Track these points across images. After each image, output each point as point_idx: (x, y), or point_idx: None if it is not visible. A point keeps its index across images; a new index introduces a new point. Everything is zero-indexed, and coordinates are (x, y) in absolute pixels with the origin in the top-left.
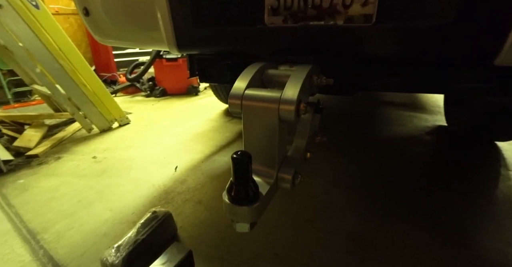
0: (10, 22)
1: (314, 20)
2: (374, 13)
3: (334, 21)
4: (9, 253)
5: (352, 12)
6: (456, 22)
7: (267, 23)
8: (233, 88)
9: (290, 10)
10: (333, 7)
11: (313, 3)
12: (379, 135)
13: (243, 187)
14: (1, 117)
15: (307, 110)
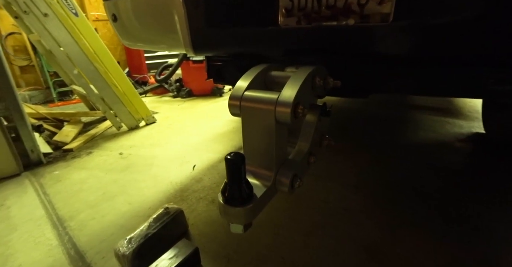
0: (54, 29)
1: (328, 20)
2: (392, 11)
3: (350, 22)
4: (40, 236)
5: (367, 11)
6: (481, 17)
7: (281, 25)
8: (233, 89)
9: (304, 11)
10: (347, 7)
11: (327, 3)
12: (406, 141)
13: (236, 188)
14: (44, 114)
15: (304, 112)
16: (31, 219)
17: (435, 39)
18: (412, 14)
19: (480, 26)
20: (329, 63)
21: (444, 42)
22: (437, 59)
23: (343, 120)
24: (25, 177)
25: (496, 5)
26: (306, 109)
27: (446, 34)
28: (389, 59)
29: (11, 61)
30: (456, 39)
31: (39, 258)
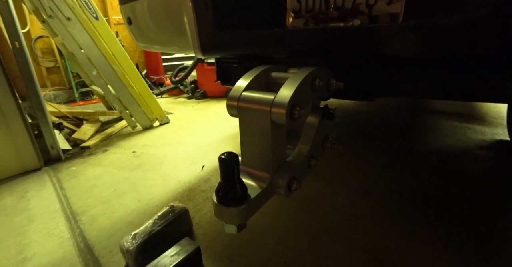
0: (75, 32)
1: (335, 21)
2: (401, 11)
3: (356, 22)
4: (55, 228)
5: (376, 12)
6: (500, 15)
7: (289, 26)
8: (232, 90)
9: (312, 12)
10: (356, 7)
11: (335, 4)
12: (423, 147)
13: (230, 188)
14: (65, 112)
15: (301, 114)
16: (47, 212)
17: (448, 39)
18: (423, 14)
19: (499, 25)
20: (335, 65)
21: (457, 43)
22: (450, 61)
23: (357, 124)
24: (44, 172)
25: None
26: (303, 111)
27: (459, 35)
28: (398, 61)
29: (39, 63)
30: (470, 39)
31: (51, 249)
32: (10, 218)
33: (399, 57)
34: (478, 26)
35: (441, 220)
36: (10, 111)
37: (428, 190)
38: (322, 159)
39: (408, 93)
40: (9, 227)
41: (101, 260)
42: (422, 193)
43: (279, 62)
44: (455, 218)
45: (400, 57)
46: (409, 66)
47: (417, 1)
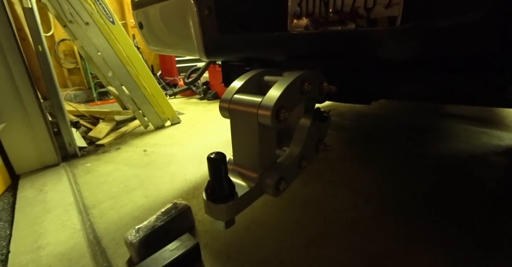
0: (93, 36)
1: (335, 25)
2: (399, 15)
3: (355, 26)
4: (67, 220)
5: (374, 15)
6: (501, 16)
7: (290, 30)
8: (225, 92)
9: (312, 16)
10: (354, 11)
11: (334, 8)
12: (434, 151)
13: (217, 185)
14: (83, 112)
15: (286, 116)
16: (62, 204)
17: (446, 41)
18: (421, 17)
19: (496, 26)
20: (332, 68)
21: (455, 44)
22: (449, 63)
23: (366, 127)
24: (62, 167)
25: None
26: (288, 113)
27: (457, 37)
28: (396, 64)
29: (61, 64)
30: (468, 41)
31: (63, 239)
32: (29, 209)
33: (397, 60)
34: (476, 27)
35: (446, 226)
36: (32, 110)
37: (436, 195)
38: (329, 161)
39: (406, 96)
40: (27, 217)
41: (107, 252)
42: (429, 198)
43: (280, 65)
44: (461, 225)
45: (398, 60)
46: (407, 69)
47: (415, 4)
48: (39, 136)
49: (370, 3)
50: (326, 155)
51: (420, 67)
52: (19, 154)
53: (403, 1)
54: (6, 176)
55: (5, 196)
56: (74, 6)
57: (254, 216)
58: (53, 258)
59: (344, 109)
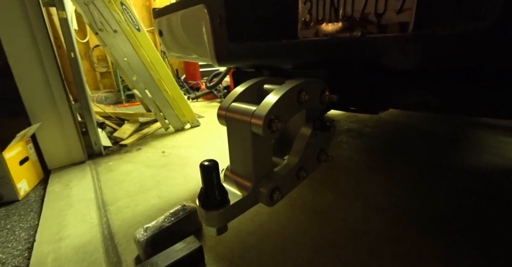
0: (120, 42)
1: (345, 32)
2: (412, 20)
3: (365, 32)
4: (87, 215)
5: (385, 21)
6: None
7: (300, 37)
8: (223, 100)
9: (322, 22)
10: (365, 17)
11: (344, 14)
12: (462, 164)
13: (210, 192)
14: (109, 113)
15: (279, 126)
16: (84, 200)
17: (461, 49)
18: (435, 23)
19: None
20: (338, 76)
21: (470, 52)
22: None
23: (389, 135)
24: (87, 165)
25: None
26: (281, 124)
27: (472, 45)
28: (407, 72)
29: (95, 68)
30: (485, 49)
31: (82, 232)
32: (56, 202)
33: (408, 67)
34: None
35: (467, 248)
36: (64, 111)
37: (458, 213)
38: (345, 170)
39: (417, 106)
40: (53, 210)
41: (118, 248)
42: (450, 216)
43: (288, 73)
44: (483, 248)
45: (408, 68)
46: (418, 77)
47: (428, 9)
48: (69, 135)
49: (380, 9)
50: (342, 164)
51: (433, 75)
52: (51, 151)
53: (416, 6)
54: (39, 170)
55: (38, 189)
56: (104, 15)
57: (261, 223)
58: (70, 249)
59: (365, 116)
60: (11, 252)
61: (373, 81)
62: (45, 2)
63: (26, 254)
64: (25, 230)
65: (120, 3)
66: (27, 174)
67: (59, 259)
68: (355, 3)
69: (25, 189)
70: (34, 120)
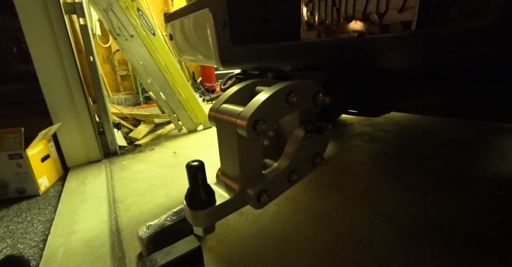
0: (136, 47)
1: (347, 32)
2: (414, 19)
3: (367, 32)
4: (98, 211)
5: (387, 21)
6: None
7: (303, 39)
8: (215, 102)
9: (324, 24)
10: (366, 17)
11: (345, 15)
12: (484, 173)
13: (195, 192)
14: (126, 114)
15: (263, 128)
16: (97, 196)
17: (465, 48)
18: (439, 21)
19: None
20: (335, 78)
21: (476, 53)
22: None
23: (406, 140)
24: (103, 163)
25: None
26: (266, 126)
27: (476, 44)
28: (408, 73)
29: (116, 71)
30: (489, 49)
31: (91, 227)
32: (71, 197)
33: (410, 68)
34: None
35: (479, 262)
36: (82, 112)
37: (473, 224)
38: (354, 175)
39: (420, 109)
40: (68, 205)
41: (124, 244)
42: (464, 227)
43: (291, 75)
44: (497, 262)
45: (410, 69)
46: (420, 79)
47: (431, 7)
48: (87, 134)
49: (382, 8)
50: (352, 168)
51: (435, 77)
52: (70, 150)
53: (419, 4)
54: (59, 167)
55: (57, 185)
56: (121, 21)
57: (263, 225)
58: (80, 243)
59: (380, 119)
60: (28, 243)
61: (373, 82)
62: (67, 10)
63: (41, 245)
64: (42, 223)
65: (136, 9)
66: (47, 171)
67: (69, 252)
68: (357, 3)
69: (45, 185)
70: (56, 120)
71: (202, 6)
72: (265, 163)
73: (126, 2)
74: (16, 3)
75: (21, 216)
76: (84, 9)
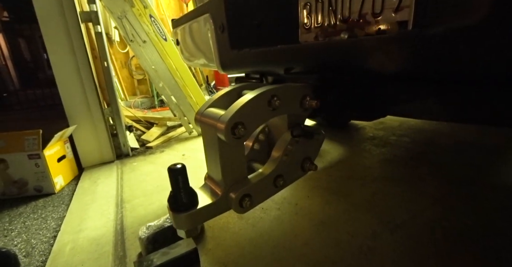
0: (148, 52)
1: (343, 34)
2: (411, 19)
3: (362, 33)
4: (106, 210)
5: (383, 21)
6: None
7: (301, 41)
8: (201, 105)
9: (321, 26)
10: (363, 18)
11: (342, 17)
12: (505, 181)
13: (177, 195)
14: (139, 117)
15: (241, 133)
16: (106, 196)
17: (463, 49)
18: (436, 20)
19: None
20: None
21: (476, 54)
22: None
23: (420, 145)
24: (114, 164)
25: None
26: (244, 130)
27: (475, 44)
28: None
29: (133, 76)
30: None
31: (98, 225)
32: (83, 196)
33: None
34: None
35: None
36: (97, 115)
37: (489, 240)
38: (361, 180)
39: (417, 114)
40: (79, 204)
41: (126, 243)
42: (478, 243)
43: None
44: None
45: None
46: (417, 81)
47: (427, 6)
48: (101, 136)
49: (378, 8)
50: (359, 174)
51: (435, 79)
52: (85, 151)
53: (414, 3)
54: (75, 168)
55: (71, 184)
56: (134, 27)
57: (262, 230)
58: (86, 241)
59: (394, 122)
60: (40, 239)
61: (368, 85)
62: (83, 19)
63: (51, 241)
64: (55, 220)
65: (149, 16)
66: (63, 170)
67: (75, 248)
68: (352, 4)
69: (60, 184)
70: (72, 123)
71: (203, 12)
72: (254, 167)
73: (139, 9)
74: (38, 13)
75: (37, 213)
76: (99, 17)
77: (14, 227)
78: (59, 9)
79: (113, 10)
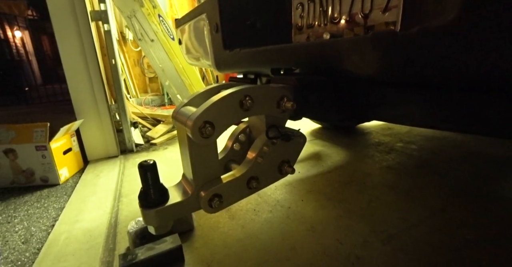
0: (156, 50)
1: (333, 34)
2: (399, 19)
3: (352, 34)
4: (103, 203)
5: (372, 22)
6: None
7: (294, 42)
8: (178, 104)
9: (313, 27)
10: (352, 19)
11: (332, 18)
12: (508, 193)
13: (146, 191)
14: (146, 114)
15: (208, 132)
16: (106, 189)
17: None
18: (424, 21)
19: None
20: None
21: (465, 57)
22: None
23: (427, 152)
24: (118, 159)
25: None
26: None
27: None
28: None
29: (145, 74)
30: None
31: (94, 217)
32: (84, 189)
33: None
34: None
35: None
36: (103, 111)
37: (490, 260)
38: (359, 186)
39: (403, 119)
40: (80, 195)
41: (118, 236)
42: (474, 259)
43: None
44: None
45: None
46: (404, 85)
47: (415, 7)
48: (106, 131)
49: (367, 8)
50: (358, 180)
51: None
52: (91, 145)
53: (402, 4)
54: (80, 161)
55: (76, 176)
56: (143, 26)
57: (251, 231)
58: (81, 232)
59: (402, 129)
60: (40, 227)
61: (350, 89)
62: (93, 17)
63: (49, 230)
64: (56, 210)
65: (158, 15)
66: (68, 163)
67: (70, 238)
68: (342, 4)
69: (65, 176)
70: (79, 117)
71: (201, 11)
72: (232, 167)
73: (148, 9)
74: (50, 11)
75: (40, 202)
76: (108, 16)
77: (18, 214)
78: (71, 8)
79: (123, 9)
